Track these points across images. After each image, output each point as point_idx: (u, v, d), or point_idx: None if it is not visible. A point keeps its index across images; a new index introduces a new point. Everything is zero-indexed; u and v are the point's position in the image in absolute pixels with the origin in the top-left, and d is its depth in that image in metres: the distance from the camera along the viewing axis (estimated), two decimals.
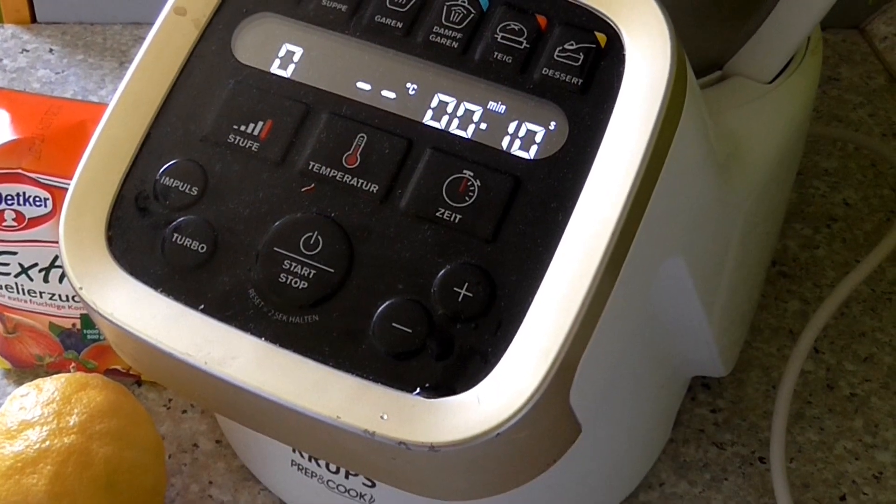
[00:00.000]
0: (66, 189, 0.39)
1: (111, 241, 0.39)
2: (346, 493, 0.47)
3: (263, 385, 0.36)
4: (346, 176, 0.38)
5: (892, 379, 0.59)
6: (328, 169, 0.38)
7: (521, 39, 0.39)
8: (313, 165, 0.39)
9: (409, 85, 0.39)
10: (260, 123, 0.40)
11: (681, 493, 0.54)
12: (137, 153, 0.40)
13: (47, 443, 0.46)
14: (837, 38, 0.83)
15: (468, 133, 0.38)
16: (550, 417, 0.37)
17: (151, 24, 0.41)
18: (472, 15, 0.40)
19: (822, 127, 0.74)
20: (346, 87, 0.40)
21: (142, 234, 0.39)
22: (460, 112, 0.39)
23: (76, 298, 0.54)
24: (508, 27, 0.39)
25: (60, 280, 0.54)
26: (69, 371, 0.56)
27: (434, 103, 0.39)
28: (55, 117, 0.53)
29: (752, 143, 0.46)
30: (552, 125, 0.38)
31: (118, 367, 0.57)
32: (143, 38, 0.41)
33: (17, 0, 0.79)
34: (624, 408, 0.48)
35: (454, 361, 0.36)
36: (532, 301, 0.36)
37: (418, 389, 0.35)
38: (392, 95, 0.39)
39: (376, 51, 0.40)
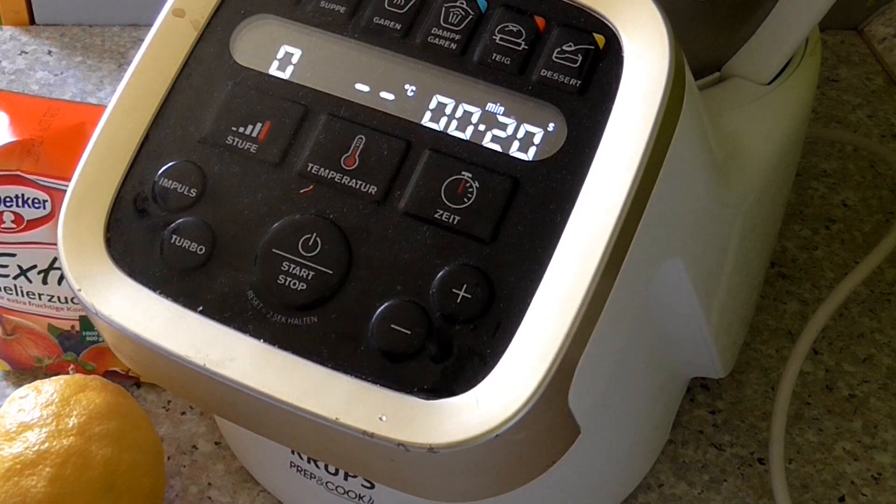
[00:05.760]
0: (65, 191, 0.39)
1: (110, 243, 0.39)
2: (346, 495, 0.47)
3: (262, 386, 0.36)
4: (345, 177, 0.38)
5: (890, 380, 0.59)
6: (327, 170, 0.38)
7: (519, 41, 0.39)
8: (312, 167, 0.39)
9: (407, 86, 0.39)
10: (258, 125, 0.40)
11: (680, 495, 0.54)
12: (136, 155, 0.40)
13: (46, 445, 0.46)
14: (836, 39, 0.83)
15: (466, 134, 0.38)
16: (549, 419, 0.37)
17: (150, 25, 0.41)
18: (471, 16, 0.40)
19: (820, 128, 0.74)
20: (344, 89, 0.40)
21: (140, 236, 0.39)
22: (459, 113, 0.39)
23: (75, 300, 0.54)
24: (507, 28, 0.39)
25: (59, 282, 0.54)
26: (68, 373, 0.56)
27: (433, 105, 0.39)
28: (54, 119, 0.53)
29: (750, 144, 0.46)
30: (550, 126, 0.38)
31: (117, 368, 0.57)
32: (142, 40, 0.41)
33: (16, 2, 0.79)
34: (623, 409, 0.48)
35: (453, 363, 0.36)
36: (531, 302, 0.36)
37: (417, 391, 0.35)
38: (391, 97, 0.39)
39: (375, 52, 0.40)
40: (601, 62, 0.38)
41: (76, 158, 0.40)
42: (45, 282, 0.54)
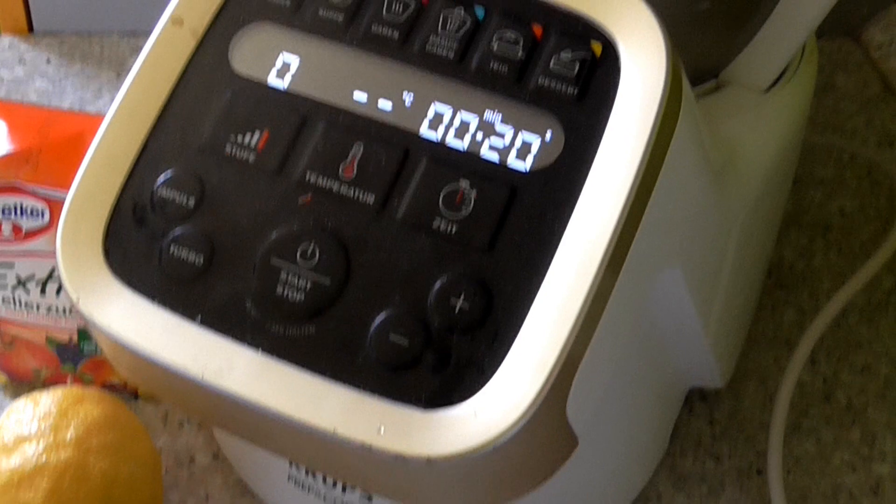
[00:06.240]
0: (63, 201, 0.39)
1: (108, 253, 0.39)
2: None
3: (260, 397, 0.36)
4: (343, 186, 0.38)
5: (888, 389, 0.59)
6: (325, 179, 0.38)
7: (516, 49, 0.39)
8: (310, 176, 0.39)
9: (405, 94, 0.39)
10: (257, 134, 0.40)
11: None
12: (134, 164, 0.40)
13: (44, 457, 0.46)
14: (832, 46, 0.83)
15: (464, 143, 0.38)
16: (547, 430, 0.36)
17: (149, 34, 0.41)
18: (468, 24, 0.40)
19: (817, 135, 0.74)
20: (342, 97, 0.40)
21: (139, 246, 0.39)
22: (456, 122, 0.39)
23: (73, 311, 0.54)
24: (504, 36, 0.39)
25: (57, 293, 0.54)
26: (66, 384, 0.56)
27: (430, 113, 0.39)
28: (52, 128, 0.53)
29: (747, 151, 0.46)
30: (548, 135, 0.38)
31: (115, 380, 0.57)
32: (141, 49, 0.41)
33: (15, 10, 0.79)
34: (621, 420, 0.48)
35: (451, 373, 0.36)
36: (528, 312, 0.36)
37: (415, 401, 0.35)
38: (388, 105, 0.39)
39: (373, 60, 0.40)
40: (598, 70, 0.38)
41: (74, 168, 0.40)
42: (43, 292, 0.54)
